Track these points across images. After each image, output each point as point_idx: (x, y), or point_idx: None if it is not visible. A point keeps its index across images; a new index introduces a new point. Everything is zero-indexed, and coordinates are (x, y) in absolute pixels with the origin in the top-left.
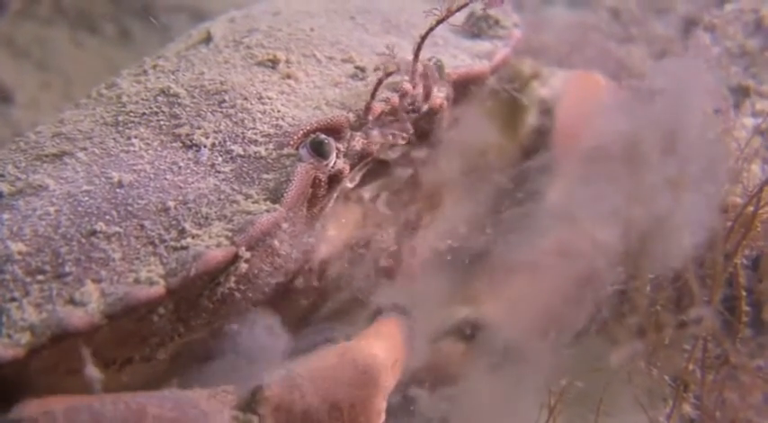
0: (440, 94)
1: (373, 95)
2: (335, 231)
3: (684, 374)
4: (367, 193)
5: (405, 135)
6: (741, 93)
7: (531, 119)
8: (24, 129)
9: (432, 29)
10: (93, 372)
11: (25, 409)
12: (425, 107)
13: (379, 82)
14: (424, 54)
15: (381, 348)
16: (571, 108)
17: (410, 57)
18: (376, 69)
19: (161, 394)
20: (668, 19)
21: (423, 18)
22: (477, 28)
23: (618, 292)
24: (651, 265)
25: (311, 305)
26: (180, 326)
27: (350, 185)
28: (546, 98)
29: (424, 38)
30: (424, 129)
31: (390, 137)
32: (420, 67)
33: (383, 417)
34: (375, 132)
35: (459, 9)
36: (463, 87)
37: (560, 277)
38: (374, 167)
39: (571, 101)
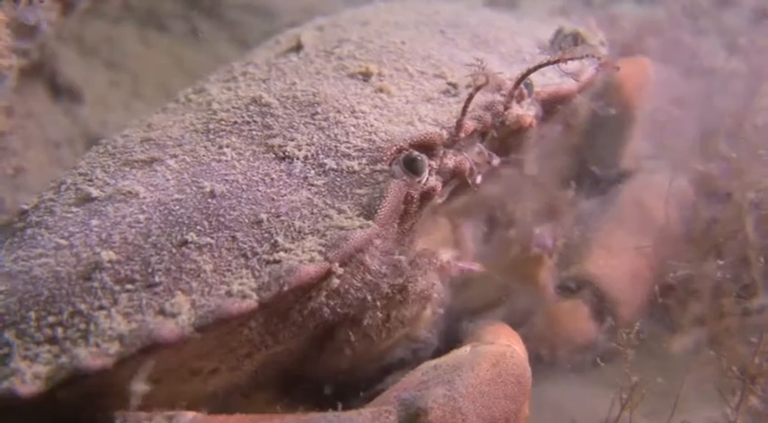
0: (529, 113)
1: (464, 111)
2: (424, 246)
3: (750, 367)
4: (455, 206)
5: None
6: None
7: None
8: (93, 127)
9: (541, 66)
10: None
11: None
12: (515, 126)
13: (470, 97)
14: (513, 71)
15: (522, 350)
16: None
17: (501, 74)
18: (468, 86)
19: (329, 416)
20: (738, 10)
21: (510, 34)
22: (565, 45)
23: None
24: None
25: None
26: (268, 338)
27: (439, 201)
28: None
29: (530, 71)
30: (512, 146)
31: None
32: (511, 86)
33: None
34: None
35: (570, 59)
36: (551, 105)
37: (643, 223)
38: (461, 182)
39: (623, 77)
